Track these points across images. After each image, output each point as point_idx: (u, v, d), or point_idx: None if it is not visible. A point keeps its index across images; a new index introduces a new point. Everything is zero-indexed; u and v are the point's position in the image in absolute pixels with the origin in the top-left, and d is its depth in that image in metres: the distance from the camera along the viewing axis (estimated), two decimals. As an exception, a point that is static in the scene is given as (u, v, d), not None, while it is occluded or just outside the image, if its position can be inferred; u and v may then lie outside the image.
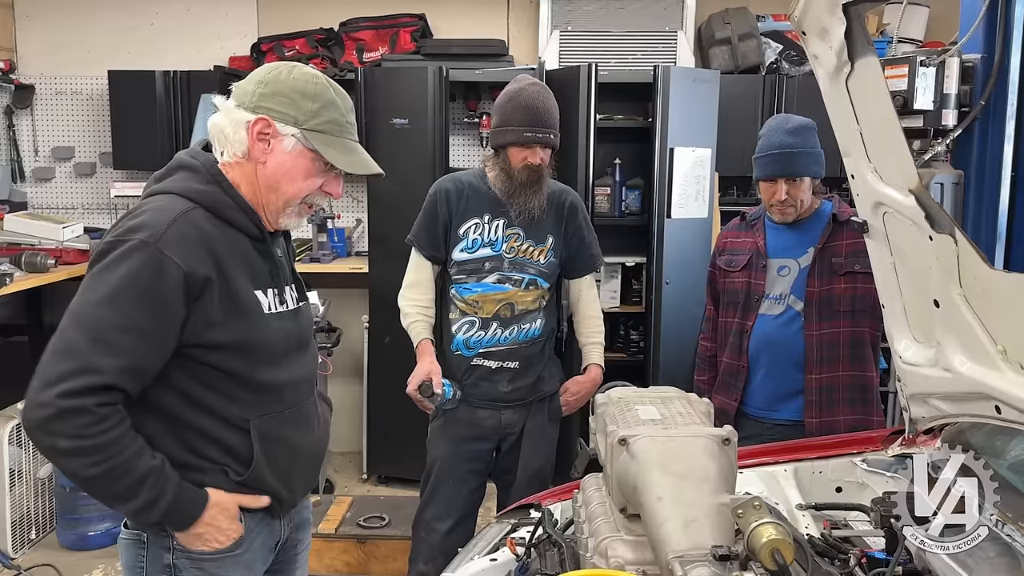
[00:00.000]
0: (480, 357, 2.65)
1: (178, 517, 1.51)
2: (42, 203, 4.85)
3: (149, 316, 1.43)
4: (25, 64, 4.76)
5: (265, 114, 1.54)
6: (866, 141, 1.71)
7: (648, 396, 1.49)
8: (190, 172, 1.57)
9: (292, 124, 1.55)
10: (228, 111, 1.58)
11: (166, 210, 1.49)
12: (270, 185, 1.59)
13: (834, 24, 1.61)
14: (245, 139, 1.56)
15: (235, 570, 1.60)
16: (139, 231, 1.44)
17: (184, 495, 1.50)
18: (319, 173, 1.60)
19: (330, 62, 4.50)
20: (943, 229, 1.52)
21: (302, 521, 1.84)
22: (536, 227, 2.65)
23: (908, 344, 1.81)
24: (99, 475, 1.42)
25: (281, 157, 1.57)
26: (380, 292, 4.23)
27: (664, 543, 1.13)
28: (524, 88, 2.55)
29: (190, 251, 1.46)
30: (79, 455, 1.41)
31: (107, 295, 1.41)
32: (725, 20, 4.48)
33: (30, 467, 3.64)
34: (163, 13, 4.74)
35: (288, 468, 1.65)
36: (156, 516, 1.48)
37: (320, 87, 1.58)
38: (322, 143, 1.56)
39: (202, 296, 1.47)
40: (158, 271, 1.42)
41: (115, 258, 1.43)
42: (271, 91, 1.55)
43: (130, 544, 1.59)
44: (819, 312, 2.51)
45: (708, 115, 4.07)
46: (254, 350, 1.56)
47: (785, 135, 2.49)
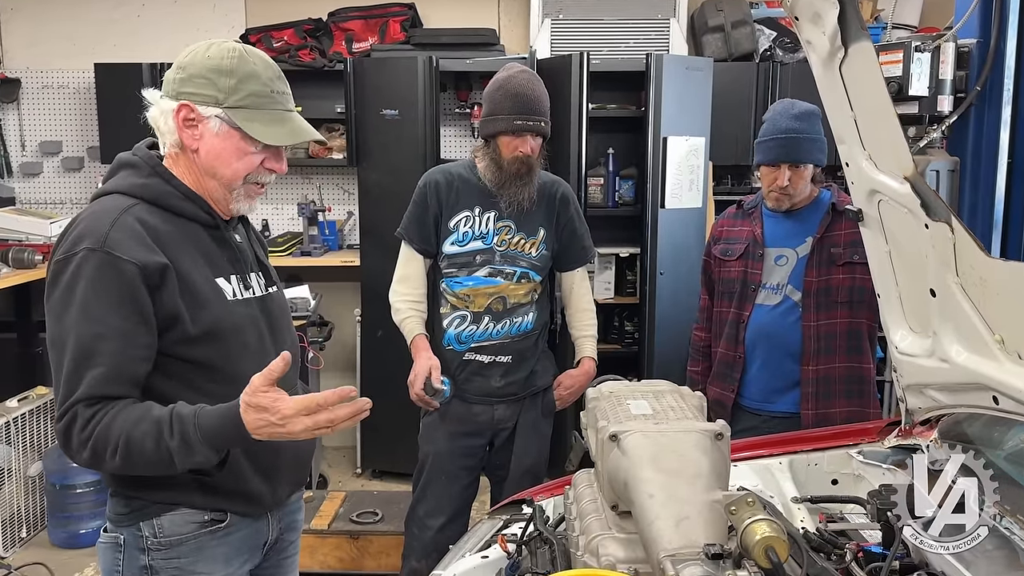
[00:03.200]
0: (472, 352, 2.62)
1: (227, 435, 1.41)
2: (30, 198, 4.80)
3: (122, 316, 1.42)
4: (10, 58, 4.70)
5: (187, 99, 1.51)
6: (860, 128, 1.68)
7: (640, 390, 1.46)
8: (131, 169, 1.56)
9: (214, 104, 1.51)
10: (157, 102, 1.55)
11: (104, 212, 1.48)
12: (207, 171, 1.56)
13: (827, 9, 1.57)
14: (174, 128, 1.53)
15: (212, 564, 1.58)
16: (83, 240, 1.44)
17: (205, 415, 1.42)
18: (256, 151, 1.55)
19: (319, 53, 4.45)
20: (939, 217, 1.49)
21: (293, 523, 1.80)
22: (527, 219, 2.61)
23: (904, 334, 1.79)
24: (126, 457, 1.40)
25: (211, 141, 1.53)
26: (372, 285, 4.19)
27: (655, 541, 1.10)
28: (513, 76, 2.51)
29: (136, 245, 1.45)
30: (99, 455, 1.41)
31: (78, 312, 1.41)
32: (718, 7, 4.44)
33: (20, 465, 3.61)
34: (150, 5, 4.69)
35: (270, 466, 1.62)
36: (202, 451, 1.41)
37: (236, 61, 1.52)
38: (244, 119, 1.51)
39: (162, 285, 1.46)
40: (115, 272, 1.42)
41: (71, 274, 1.43)
42: (188, 75, 1.52)
43: (107, 548, 1.57)
44: (817, 303, 2.48)
45: (701, 103, 4.03)
46: (224, 338, 1.53)
47: (791, 120, 2.46)
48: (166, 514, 1.54)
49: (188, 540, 1.55)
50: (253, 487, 1.60)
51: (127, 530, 1.55)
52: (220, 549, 1.59)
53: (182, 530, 1.55)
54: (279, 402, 1.37)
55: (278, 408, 1.37)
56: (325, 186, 4.81)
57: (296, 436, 1.39)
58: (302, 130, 1.58)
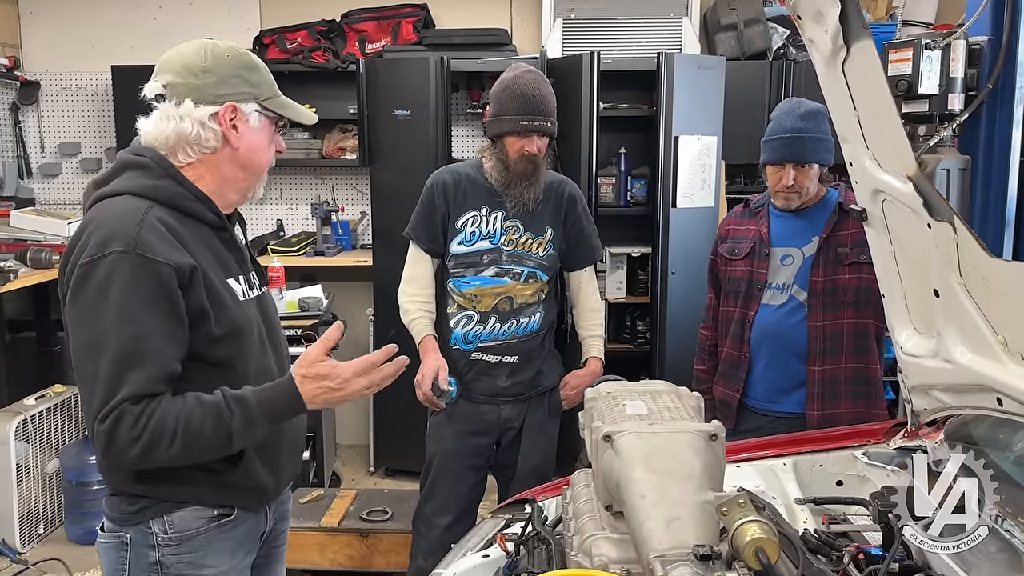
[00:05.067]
0: (479, 351, 2.62)
1: (284, 408, 1.50)
2: (49, 199, 4.86)
3: (160, 318, 1.44)
4: (30, 60, 4.77)
5: (230, 100, 1.56)
6: (864, 127, 1.67)
7: (637, 391, 1.46)
8: (140, 170, 1.55)
9: (252, 100, 1.59)
10: (184, 114, 1.54)
11: (126, 214, 1.47)
12: (245, 165, 1.62)
13: (829, 7, 1.57)
14: (218, 131, 1.56)
15: (220, 557, 1.60)
16: (112, 243, 1.43)
17: (263, 391, 1.50)
18: (273, 136, 1.66)
19: (332, 54, 4.47)
20: (942, 217, 1.48)
21: (284, 512, 1.84)
22: (534, 219, 2.61)
23: (909, 335, 1.78)
24: (186, 445, 1.43)
25: (251, 135, 1.61)
26: (384, 285, 4.20)
27: (646, 542, 1.10)
28: (519, 76, 2.52)
29: (167, 247, 1.46)
30: (153, 448, 1.42)
31: (115, 313, 1.41)
32: (731, 6, 4.42)
33: (37, 462, 3.66)
34: (166, 8, 4.73)
35: (275, 457, 1.66)
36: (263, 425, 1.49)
37: (249, 56, 1.62)
38: (278, 106, 1.63)
39: (191, 286, 1.48)
40: (150, 274, 1.43)
41: (104, 277, 1.42)
42: (218, 77, 1.56)
43: (110, 547, 1.57)
44: (823, 303, 2.47)
45: (714, 102, 4.01)
46: (242, 337, 1.57)
47: (797, 119, 2.44)
48: (176, 511, 1.56)
49: (198, 535, 1.57)
50: (262, 480, 1.63)
51: (134, 528, 1.55)
52: (227, 543, 1.61)
53: (192, 525, 1.57)
54: (337, 368, 1.51)
55: (338, 374, 1.50)
56: (338, 186, 4.84)
57: (353, 396, 1.52)
58: (304, 110, 1.71)
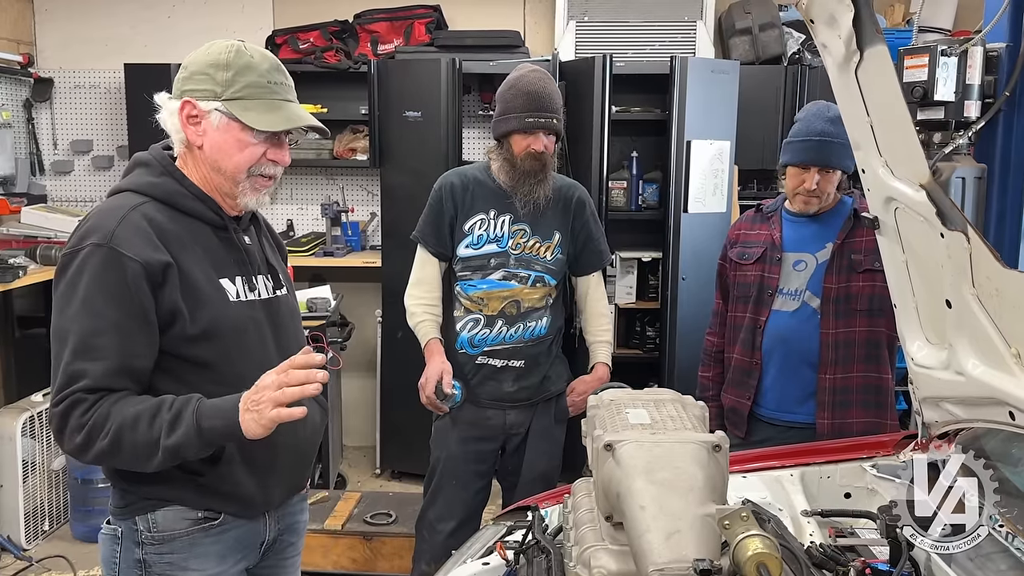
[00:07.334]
0: (485, 356, 2.60)
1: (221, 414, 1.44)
2: (61, 196, 4.87)
3: (123, 313, 1.46)
4: (44, 58, 4.78)
5: (188, 96, 1.56)
6: (876, 134, 1.64)
7: (641, 399, 1.43)
8: (144, 167, 1.62)
9: (213, 98, 1.55)
10: (165, 104, 1.60)
11: (114, 209, 1.53)
12: (213, 166, 1.59)
13: (842, 11, 1.54)
14: (179, 127, 1.57)
15: (205, 561, 1.59)
16: (91, 235, 1.48)
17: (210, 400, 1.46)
18: (257, 142, 1.57)
19: (344, 54, 4.47)
20: (955, 226, 1.45)
21: (294, 524, 1.80)
22: (542, 223, 2.59)
23: (921, 345, 1.75)
24: (114, 441, 1.42)
25: (213, 135, 1.57)
26: (393, 286, 4.18)
27: (645, 555, 1.07)
28: (524, 75, 2.50)
29: (142, 243, 1.48)
30: (91, 439, 1.43)
31: (80, 305, 1.46)
32: (746, 10, 4.39)
33: (43, 459, 3.66)
34: (179, 7, 4.74)
35: (267, 464, 1.62)
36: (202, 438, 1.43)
37: (233, 55, 1.56)
38: (240, 108, 1.54)
39: (164, 283, 1.49)
40: (118, 269, 1.46)
41: (76, 268, 1.48)
42: (188, 73, 1.57)
43: (107, 539, 1.61)
44: (836, 310, 2.43)
45: (727, 107, 3.98)
46: (223, 338, 1.55)
47: (825, 123, 2.40)
48: (160, 510, 1.56)
49: (181, 536, 1.57)
50: (244, 490, 1.60)
51: (124, 523, 1.58)
52: (214, 547, 1.60)
53: (175, 526, 1.57)
54: (263, 380, 1.43)
55: (262, 385, 1.42)
56: (349, 187, 4.83)
57: (271, 400, 1.40)
58: (297, 116, 1.60)
